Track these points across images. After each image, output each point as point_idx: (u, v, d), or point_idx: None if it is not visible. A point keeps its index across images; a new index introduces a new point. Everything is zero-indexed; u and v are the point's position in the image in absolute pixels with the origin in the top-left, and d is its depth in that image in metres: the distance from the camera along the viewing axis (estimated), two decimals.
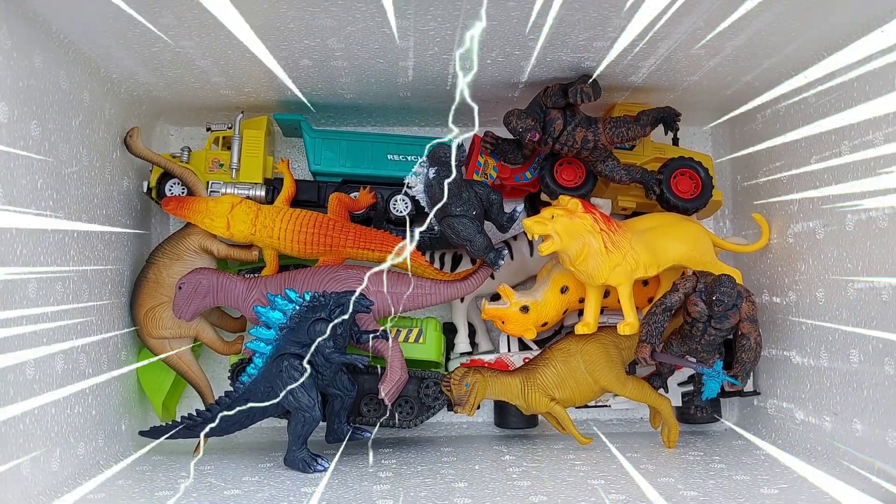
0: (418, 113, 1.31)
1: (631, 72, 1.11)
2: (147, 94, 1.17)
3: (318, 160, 1.26)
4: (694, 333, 1.06)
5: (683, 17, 0.91)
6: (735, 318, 1.04)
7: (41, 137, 0.91)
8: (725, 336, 1.07)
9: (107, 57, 1.02)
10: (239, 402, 1.08)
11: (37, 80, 0.90)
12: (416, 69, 1.09)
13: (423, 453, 1.14)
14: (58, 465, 0.93)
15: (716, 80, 1.14)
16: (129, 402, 1.19)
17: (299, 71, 1.09)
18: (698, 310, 1.03)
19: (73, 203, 1.00)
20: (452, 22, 0.92)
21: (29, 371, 0.87)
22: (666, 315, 1.07)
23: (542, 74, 1.12)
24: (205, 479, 0.98)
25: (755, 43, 1.00)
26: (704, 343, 1.07)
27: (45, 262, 0.92)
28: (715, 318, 1.03)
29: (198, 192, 1.22)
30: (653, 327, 1.06)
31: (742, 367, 1.07)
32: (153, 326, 1.19)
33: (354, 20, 0.91)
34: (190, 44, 0.98)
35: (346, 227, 1.18)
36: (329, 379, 1.08)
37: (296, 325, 1.06)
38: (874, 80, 0.94)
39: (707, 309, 1.04)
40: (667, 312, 1.07)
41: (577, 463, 1.06)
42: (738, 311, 1.04)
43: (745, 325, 1.05)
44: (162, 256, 1.21)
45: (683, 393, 1.27)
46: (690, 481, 0.95)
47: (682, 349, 1.09)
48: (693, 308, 1.04)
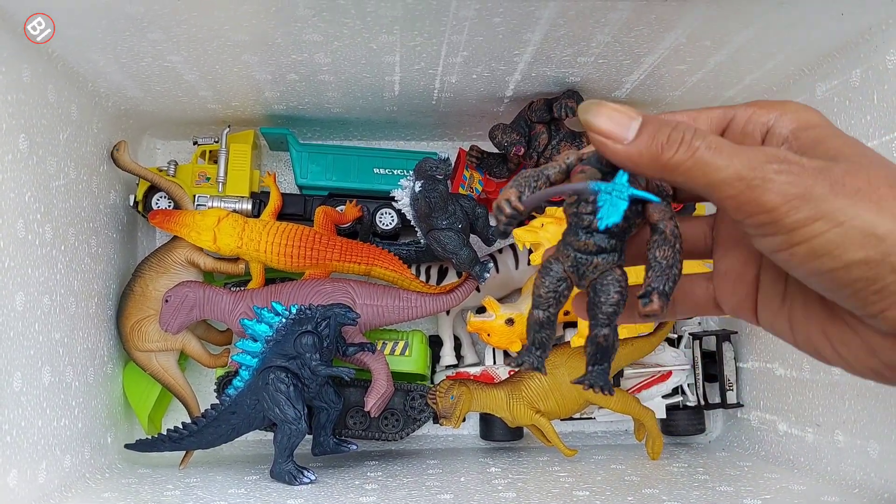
0: (404, 127, 1.32)
1: (615, 87, 1.12)
2: (134, 108, 1.18)
3: (305, 174, 1.26)
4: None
5: (666, 32, 0.93)
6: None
7: (29, 151, 0.91)
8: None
9: (94, 71, 1.02)
10: (225, 415, 1.08)
11: (25, 94, 0.90)
12: (402, 84, 1.10)
13: (409, 465, 1.14)
14: (44, 478, 0.93)
15: (698, 94, 1.15)
16: (115, 414, 1.18)
17: (286, 85, 1.10)
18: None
19: (61, 216, 1.00)
20: (438, 38, 0.93)
21: (16, 383, 0.87)
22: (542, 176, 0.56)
23: (526, 89, 1.13)
24: (191, 492, 0.98)
25: (737, 59, 1.01)
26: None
27: (32, 274, 0.92)
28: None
29: (184, 206, 1.22)
30: (523, 178, 0.57)
31: (659, 274, 0.52)
32: (139, 339, 1.19)
33: (341, 35, 0.92)
34: (178, 58, 0.98)
35: (333, 240, 1.19)
36: (315, 391, 1.08)
37: (282, 338, 1.06)
38: (854, 96, 0.95)
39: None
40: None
41: (562, 475, 1.06)
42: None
43: (655, 211, 0.55)
44: (148, 269, 1.21)
45: (668, 405, 1.28)
46: (674, 492, 0.95)
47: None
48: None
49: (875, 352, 0.42)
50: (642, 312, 0.46)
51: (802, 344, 0.47)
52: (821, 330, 0.45)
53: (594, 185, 0.46)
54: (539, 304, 0.51)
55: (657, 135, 0.42)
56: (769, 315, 0.48)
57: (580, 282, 0.50)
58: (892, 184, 0.40)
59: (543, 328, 0.51)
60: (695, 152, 0.41)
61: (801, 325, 0.46)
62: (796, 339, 0.47)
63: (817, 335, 0.45)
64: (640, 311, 0.46)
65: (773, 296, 0.48)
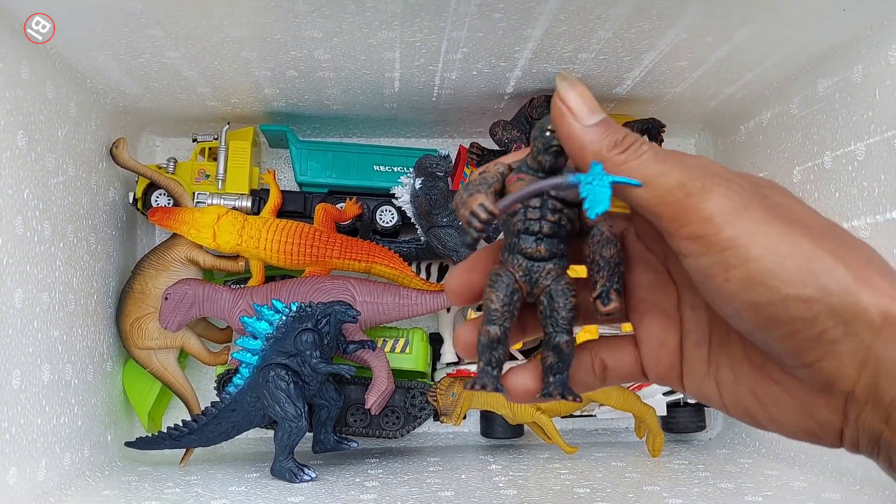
0: (404, 124, 1.32)
1: (616, 83, 1.12)
2: (133, 104, 1.17)
3: (305, 171, 1.26)
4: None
5: (667, 28, 0.92)
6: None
7: (27, 147, 0.91)
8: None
9: (93, 68, 1.02)
10: (225, 413, 1.08)
11: (23, 91, 0.90)
12: (402, 80, 1.09)
13: (410, 463, 1.14)
14: (44, 476, 0.93)
15: (699, 91, 1.14)
16: (115, 412, 1.18)
17: (286, 82, 1.09)
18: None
19: (60, 213, 1.00)
20: (439, 33, 0.93)
21: (15, 381, 0.87)
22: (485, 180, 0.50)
23: (527, 86, 1.12)
24: (191, 489, 0.98)
25: (738, 55, 1.01)
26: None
27: (31, 271, 0.91)
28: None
29: (184, 203, 1.22)
30: (479, 183, 0.49)
31: (610, 273, 0.47)
32: (139, 337, 1.18)
33: (341, 31, 0.91)
34: (176, 55, 0.98)
35: (333, 237, 1.19)
36: (315, 389, 1.08)
37: (282, 336, 1.06)
38: (856, 92, 0.95)
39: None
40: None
41: (562, 472, 1.06)
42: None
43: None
44: (148, 267, 1.20)
45: (668, 402, 1.28)
46: (675, 489, 0.95)
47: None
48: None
49: (809, 411, 0.40)
50: (603, 311, 0.45)
51: (733, 408, 0.44)
52: (750, 391, 0.42)
53: (573, 177, 0.44)
54: (493, 319, 0.47)
55: (612, 132, 0.42)
56: (695, 381, 0.46)
57: (532, 290, 0.47)
58: (834, 231, 0.39)
59: (500, 345, 0.47)
60: (641, 155, 0.41)
61: (729, 388, 0.44)
62: (725, 403, 0.44)
63: (747, 397, 0.43)
64: (601, 310, 0.45)
65: (697, 360, 0.45)
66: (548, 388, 0.47)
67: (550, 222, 0.47)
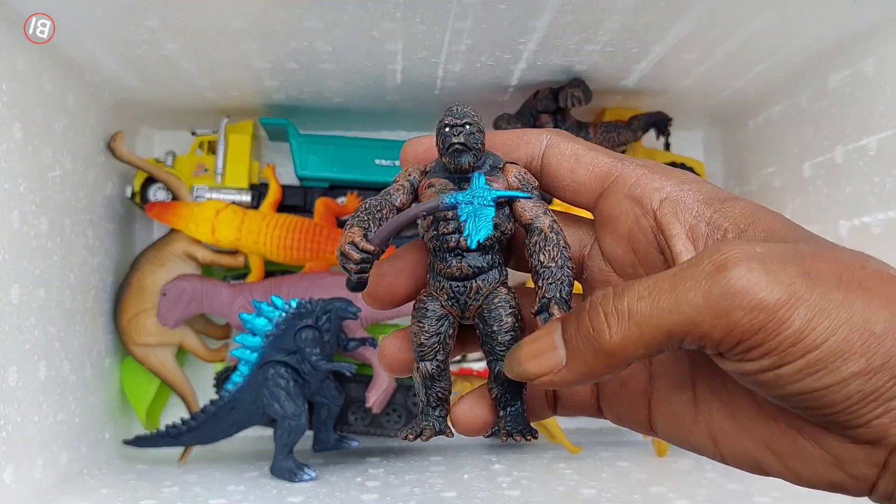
0: (406, 117, 1.30)
1: (622, 76, 1.10)
2: (131, 97, 1.16)
3: (305, 165, 1.24)
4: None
5: (675, 19, 0.91)
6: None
7: (24, 141, 0.89)
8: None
9: (91, 60, 1.00)
10: (224, 411, 1.07)
11: (19, 83, 0.89)
12: (404, 72, 1.08)
13: (412, 462, 1.12)
14: (41, 474, 0.91)
15: (708, 84, 1.13)
16: (112, 410, 1.17)
17: (286, 74, 1.08)
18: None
19: (57, 208, 0.98)
20: (442, 24, 0.91)
21: (11, 378, 0.85)
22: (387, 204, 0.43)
23: (532, 78, 1.11)
24: (189, 488, 0.97)
25: (747, 48, 0.99)
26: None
27: (27, 266, 0.90)
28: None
29: (182, 197, 1.20)
30: (364, 211, 0.42)
31: (551, 280, 0.40)
32: (137, 333, 1.17)
33: (342, 22, 0.90)
34: (175, 46, 0.96)
35: (334, 232, 1.17)
36: (316, 387, 1.07)
37: (282, 333, 1.05)
38: (868, 85, 0.93)
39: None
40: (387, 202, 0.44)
41: (567, 472, 1.05)
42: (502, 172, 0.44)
43: (525, 210, 0.42)
44: (146, 262, 1.19)
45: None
46: (682, 490, 0.94)
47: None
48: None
49: (842, 465, 0.34)
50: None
51: (732, 459, 0.38)
52: (763, 444, 0.37)
53: (448, 197, 0.39)
54: (424, 354, 0.42)
55: (581, 329, 0.35)
56: (677, 429, 0.40)
57: (464, 314, 0.42)
58: (861, 260, 0.34)
59: (437, 381, 0.42)
60: (631, 315, 0.33)
61: (731, 438, 0.38)
62: (723, 454, 0.39)
63: (758, 450, 0.37)
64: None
65: (678, 405, 0.40)
66: (498, 424, 0.42)
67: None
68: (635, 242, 0.41)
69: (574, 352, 0.35)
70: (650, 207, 0.40)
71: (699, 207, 0.39)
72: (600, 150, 0.43)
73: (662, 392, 0.41)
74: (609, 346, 0.34)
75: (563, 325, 0.36)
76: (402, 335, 0.44)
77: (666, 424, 0.41)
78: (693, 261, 0.34)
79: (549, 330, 0.37)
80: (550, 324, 0.37)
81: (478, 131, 0.41)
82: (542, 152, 0.43)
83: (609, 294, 0.35)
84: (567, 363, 0.36)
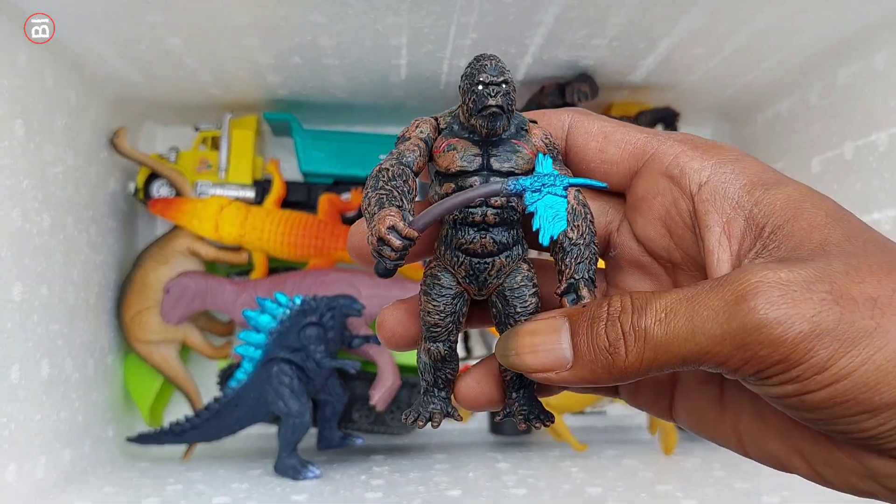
0: (411, 112, 1.29)
1: (629, 70, 1.09)
2: (134, 93, 1.15)
3: (309, 161, 1.24)
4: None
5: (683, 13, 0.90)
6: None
7: (26, 137, 0.89)
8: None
9: (93, 56, 1.00)
10: (228, 408, 1.06)
11: (21, 79, 0.88)
12: (409, 68, 1.07)
13: (416, 460, 1.12)
14: (43, 472, 0.91)
15: (715, 79, 1.12)
16: (115, 407, 1.17)
17: (289, 69, 1.07)
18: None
19: (59, 204, 0.98)
20: (447, 18, 0.90)
21: (14, 376, 0.85)
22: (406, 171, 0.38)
23: (538, 73, 1.10)
24: (193, 486, 0.96)
25: (754, 43, 0.99)
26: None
27: (30, 264, 0.89)
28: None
29: (185, 194, 1.19)
30: (388, 185, 0.37)
31: (579, 258, 0.37)
32: (140, 331, 1.16)
33: (346, 17, 0.89)
34: (177, 42, 0.96)
35: (338, 228, 1.17)
36: (320, 384, 1.06)
37: (286, 330, 1.04)
38: (878, 80, 0.92)
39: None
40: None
41: (573, 470, 1.04)
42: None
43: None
44: (149, 259, 1.18)
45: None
46: (690, 489, 0.93)
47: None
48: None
49: (876, 476, 0.33)
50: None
51: (756, 456, 0.37)
52: (792, 447, 0.35)
53: (513, 184, 0.34)
54: (436, 335, 0.39)
55: (595, 340, 0.33)
56: (702, 422, 0.39)
57: (480, 292, 0.38)
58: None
59: (448, 363, 0.39)
60: (647, 338, 0.32)
61: (757, 438, 0.37)
62: (748, 451, 0.37)
63: (786, 452, 0.36)
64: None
65: (703, 399, 0.39)
66: (511, 408, 0.40)
67: (497, 208, 0.36)
68: (672, 225, 0.38)
69: (582, 360, 0.34)
70: (689, 190, 0.37)
71: (740, 196, 0.36)
72: (630, 126, 0.40)
73: (688, 383, 0.40)
74: (623, 365, 0.33)
75: (572, 325, 0.35)
76: (403, 307, 0.41)
77: (689, 415, 0.40)
78: (715, 284, 0.32)
79: (552, 326, 0.35)
80: (554, 317, 0.36)
81: (513, 90, 0.36)
82: (566, 133, 0.41)
83: (628, 309, 0.33)
84: (572, 366, 0.34)
